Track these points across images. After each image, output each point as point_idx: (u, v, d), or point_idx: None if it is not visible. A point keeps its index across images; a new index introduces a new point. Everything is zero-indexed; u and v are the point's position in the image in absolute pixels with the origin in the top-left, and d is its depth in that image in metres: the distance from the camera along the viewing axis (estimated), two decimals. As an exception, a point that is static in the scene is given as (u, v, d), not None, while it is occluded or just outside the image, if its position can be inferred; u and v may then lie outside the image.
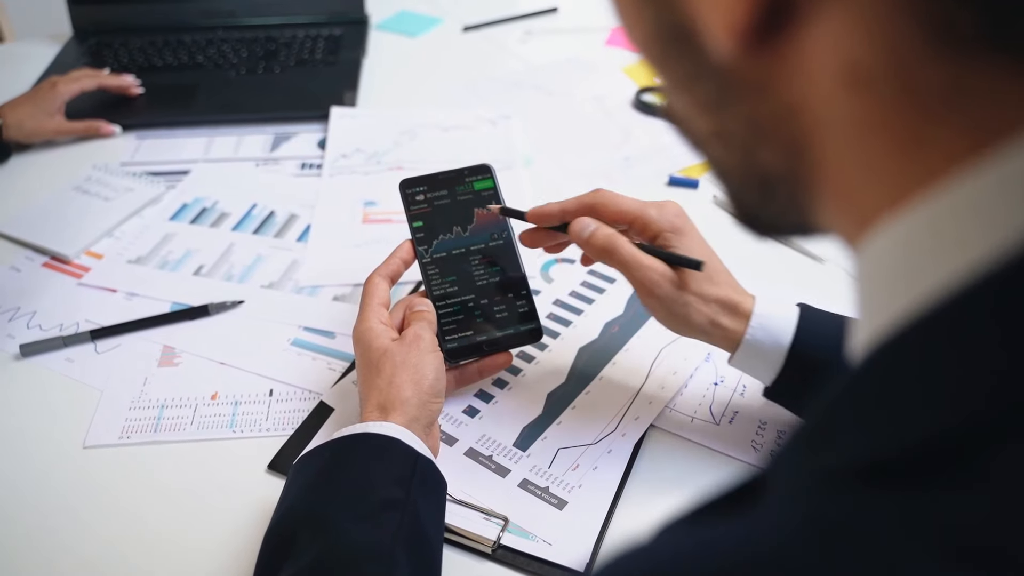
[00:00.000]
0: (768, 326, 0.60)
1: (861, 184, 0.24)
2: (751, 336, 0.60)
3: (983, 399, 0.20)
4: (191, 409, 0.71)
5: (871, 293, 0.25)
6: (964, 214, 0.21)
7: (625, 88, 1.15)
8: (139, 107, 1.12)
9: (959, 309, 0.21)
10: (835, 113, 0.24)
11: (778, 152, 0.27)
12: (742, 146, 0.28)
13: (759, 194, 0.29)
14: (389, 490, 0.54)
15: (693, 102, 0.29)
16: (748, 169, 0.29)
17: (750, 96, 0.26)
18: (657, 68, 0.30)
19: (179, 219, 0.93)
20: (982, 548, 0.19)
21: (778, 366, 0.61)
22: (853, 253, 0.26)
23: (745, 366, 0.63)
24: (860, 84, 0.23)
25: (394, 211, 0.93)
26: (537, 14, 1.37)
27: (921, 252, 0.22)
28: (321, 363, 0.75)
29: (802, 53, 0.23)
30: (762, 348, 0.61)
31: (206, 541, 0.61)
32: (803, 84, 0.24)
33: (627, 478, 0.64)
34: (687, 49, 0.26)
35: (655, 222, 0.62)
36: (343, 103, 1.11)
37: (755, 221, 0.32)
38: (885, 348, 0.23)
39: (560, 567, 0.58)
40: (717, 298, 0.61)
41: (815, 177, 0.26)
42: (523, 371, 0.73)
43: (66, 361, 0.76)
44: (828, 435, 0.23)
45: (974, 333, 0.21)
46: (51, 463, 0.67)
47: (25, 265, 0.87)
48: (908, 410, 0.21)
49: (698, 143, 0.31)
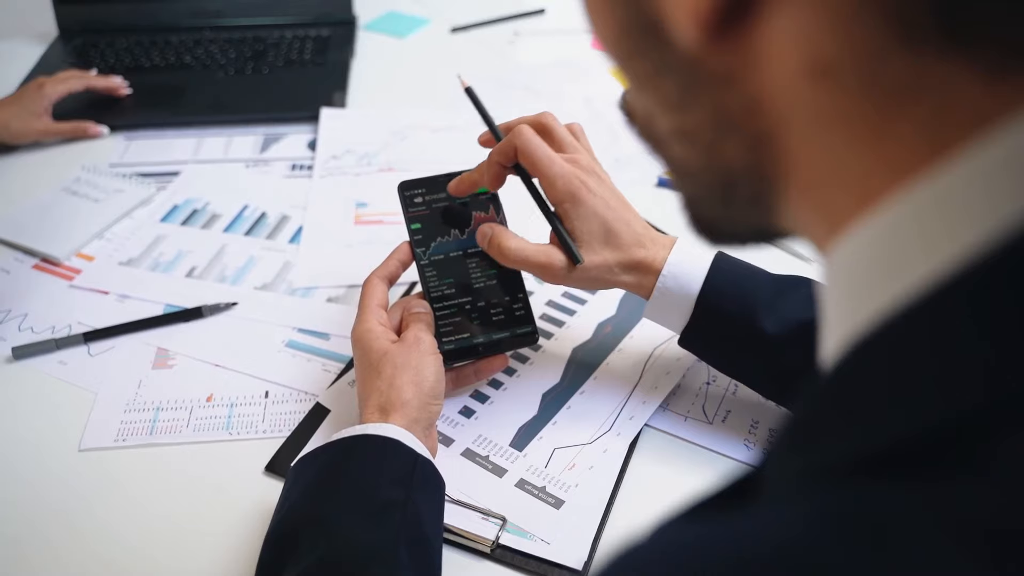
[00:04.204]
0: (678, 275, 0.63)
1: (827, 179, 0.25)
2: (661, 285, 0.64)
3: (978, 389, 0.20)
4: (187, 411, 0.71)
5: (844, 295, 0.25)
6: (933, 213, 0.22)
7: (613, 90, 1.16)
8: (127, 108, 1.11)
9: (941, 303, 0.21)
10: (799, 105, 0.24)
11: (743, 146, 0.27)
12: (705, 143, 0.28)
13: (720, 194, 0.29)
14: (390, 491, 0.55)
15: (657, 99, 0.29)
16: (711, 167, 0.29)
17: (716, 88, 0.26)
18: (623, 65, 0.30)
19: (170, 220, 0.93)
20: (996, 532, 0.19)
21: (687, 314, 0.64)
22: (821, 255, 0.26)
23: (657, 316, 0.66)
24: (823, 76, 0.23)
25: (386, 212, 0.93)
26: (524, 15, 1.37)
27: (893, 253, 0.23)
28: (316, 365, 0.75)
29: (766, 44, 0.24)
30: (672, 297, 0.64)
31: (205, 543, 0.61)
32: (768, 75, 0.24)
33: (623, 477, 0.65)
34: (654, 43, 0.27)
35: (555, 190, 0.64)
36: (333, 104, 1.11)
37: (711, 228, 0.32)
38: (869, 343, 0.23)
39: (558, 566, 0.59)
40: (618, 262, 0.64)
41: (780, 171, 0.26)
42: (517, 372, 0.73)
43: (59, 364, 0.76)
44: (816, 431, 0.24)
45: (960, 325, 0.21)
46: (46, 466, 0.67)
47: (15, 267, 0.87)
48: (901, 402, 0.21)
49: (659, 144, 0.31)
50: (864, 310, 0.23)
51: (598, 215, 0.64)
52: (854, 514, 0.20)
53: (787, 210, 0.27)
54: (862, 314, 0.23)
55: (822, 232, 0.26)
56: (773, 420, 0.68)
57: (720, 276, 0.63)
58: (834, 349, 0.25)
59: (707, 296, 0.63)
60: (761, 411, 0.69)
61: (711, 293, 0.63)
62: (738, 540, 0.21)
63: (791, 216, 0.27)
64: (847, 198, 0.24)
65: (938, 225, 0.22)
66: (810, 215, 0.26)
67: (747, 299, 0.62)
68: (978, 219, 0.21)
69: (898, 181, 0.22)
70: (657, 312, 0.66)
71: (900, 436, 0.21)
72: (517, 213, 0.74)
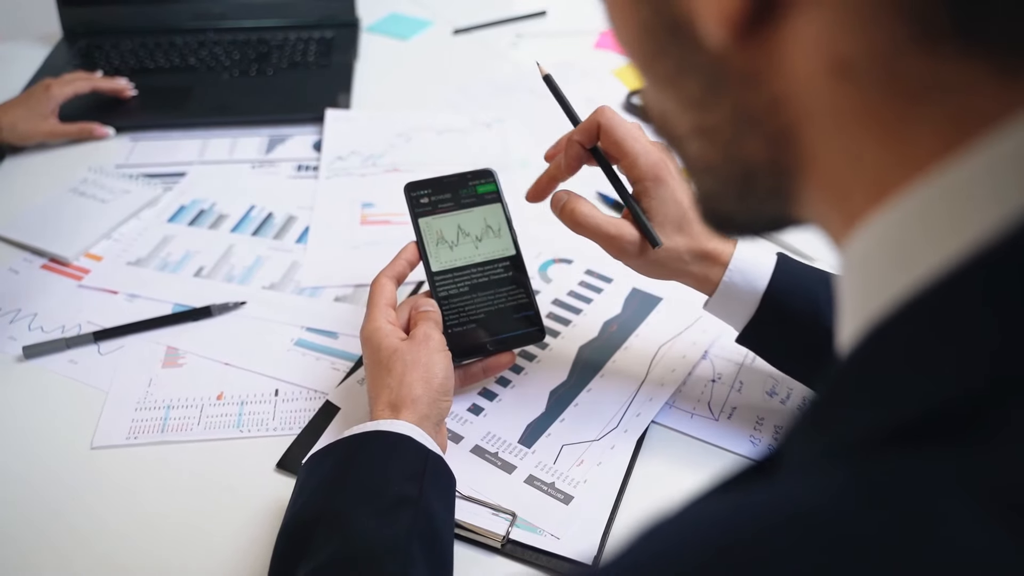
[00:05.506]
0: (745, 270, 0.63)
1: (844, 173, 0.26)
2: (728, 279, 0.63)
3: (988, 366, 0.21)
4: (197, 409, 0.72)
5: (859, 284, 0.26)
6: (944, 206, 0.23)
7: (615, 91, 1.17)
8: (132, 109, 1.12)
9: (953, 290, 0.22)
10: (820, 103, 0.25)
11: (764, 141, 0.28)
12: (725, 139, 0.29)
13: (738, 189, 0.30)
14: (402, 487, 0.55)
15: (678, 98, 0.30)
16: (730, 162, 0.30)
17: (740, 87, 0.27)
18: (644, 65, 0.31)
19: (177, 221, 0.94)
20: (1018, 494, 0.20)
21: (751, 311, 0.63)
22: (837, 246, 0.27)
23: (719, 311, 0.66)
24: (844, 75, 0.24)
25: (392, 213, 0.94)
26: (526, 17, 1.38)
27: (906, 244, 0.24)
28: (325, 363, 0.76)
29: (789, 44, 0.24)
30: (738, 292, 0.63)
31: (218, 539, 0.62)
32: (790, 74, 0.25)
33: (631, 473, 0.65)
34: (678, 42, 0.27)
35: (638, 167, 0.63)
36: (337, 105, 1.12)
37: (727, 221, 0.33)
38: (886, 327, 0.24)
39: (568, 560, 0.59)
40: (689, 249, 0.63)
41: (801, 166, 0.27)
42: (525, 369, 0.74)
43: (69, 363, 0.76)
44: (836, 411, 0.24)
45: (972, 309, 0.22)
46: (60, 464, 0.67)
47: (24, 267, 0.88)
48: (917, 380, 0.22)
49: (675, 141, 0.32)
50: (879, 298, 0.24)
51: (676, 199, 0.63)
52: (881, 483, 0.21)
53: (805, 201, 0.28)
54: (877, 302, 0.24)
55: (838, 224, 0.27)
56: (778, 416, 0.69)
57: (785, 273, 0.63)
58: (851, 336, 0.25)
59: (773, 292, 0.62)
60: (766, 408, 0.70)
61: (777, 289, 0.62)
62: (765, 511, 0.22)
63: (808, 207, 0.28)
64: (863, 192, 0.25)
65: (948, 217, 0.23)
66: (826, 207, 0.27)
67: (812, 297, 0.62)
68: (987, 211, 0.22)
69: (912, 175, 0.23)
70: (721, 306, 0.65)
71: (918, 412, 0.22)
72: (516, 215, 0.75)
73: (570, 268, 0.85)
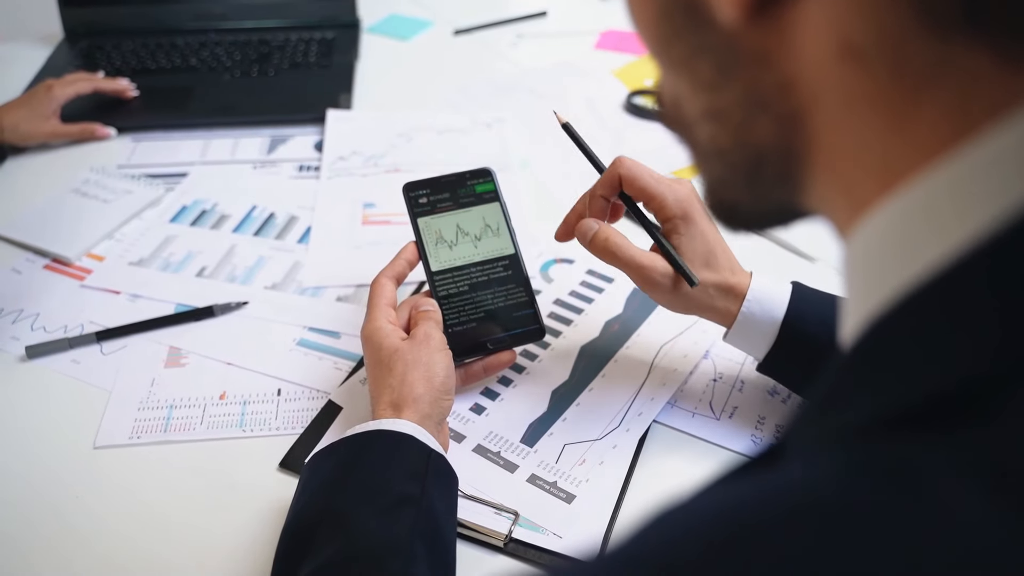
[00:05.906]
0: (762, 300, 0.64)
1: (851, 159, 0.26)
2: (747, 310, 0.64)
3: (990, 354, 0.21)
4: (200, 409, 0.72)
5: (864, 276, 0.26)
6: (948, 196, 0.23)
7: (616, 91, 1.17)
8: (134, 109, 1.12)
9: (956, 280, 0.22)
10: (829, 85, 0.25)
11: (774, 124, 0.28)
12: (736, 122, 0.29)
13: (746, 174, 0.31)
14: (405, 486, 0.55)
15: (691, 80, 0.30)
16: (740, 145, 0.30)
17: (751, 67, 0.27)
18: (660, 48, 0.31)
19: (179, 221, 0.94)
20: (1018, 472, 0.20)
21: (771, 339, 0.64)
22: (843, 237, 0.28)
23: (739, 341, 0.66)
24: (852, 58, 0.24)
25: (393, 213, 0.94)
26: (526, 18, 1.38)
27: (910, 234, 0.24)
28: (327, 363, 0.76)
29: (800, 25, 0.25)
30: (756, 323, 0.64)
31: (221, 538, 0.62)
32: (801, 56, 0.25)
33: (632, 472, 0.66)
34: (693, 24, 0.28)
35: (667, 207, 0.64)
36: (338, 106, 1.12)
37: (733, 211, 0.34)
38: (889, 318, 0.24)
39: (571, 559, 0.59)
40: (715, 283, 0.64)
41: (810, 151, 0.27)
42: (527, 369, 0.74)
43: (72, 363, 0.77)
44: (839, 399, 0.25)
45: (975, 299, 0.22)
46: (63, 464, 0.67)
47: (26, 267, 0.88)
48: (919, 368, 0.22)
49: (686, 128, 0.33)
50: (883, 290, 0.25)
51: (705, 237, 0.64)
52: (886, 465, 0.21)
53: (812, 189, 0.28)
54: (881, 293, 0.25)
55: (844, 213, 0.27)
56: (780, 415, 0.69)
57: (802, 301, 0.64)
58: (854, 327, 0.26)
59: (791, 320, 0.63)
60: (768, 407, 0.70)
61: (795, 317, 0.63)
62: (768, 494, 0.22)
63: (815, 196, 0.29)
64: (870, 179, 0.25)
65: (952, 208, 0.23)
66: (833, 195, 0.28)
67: (829, 323, 0.62)
68: (990, 202, 0.22)
69: (919, 164, 0.24)
70: (741, 337, 0.66)
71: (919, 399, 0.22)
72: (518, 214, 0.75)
73: (571, 268, 0.85)
